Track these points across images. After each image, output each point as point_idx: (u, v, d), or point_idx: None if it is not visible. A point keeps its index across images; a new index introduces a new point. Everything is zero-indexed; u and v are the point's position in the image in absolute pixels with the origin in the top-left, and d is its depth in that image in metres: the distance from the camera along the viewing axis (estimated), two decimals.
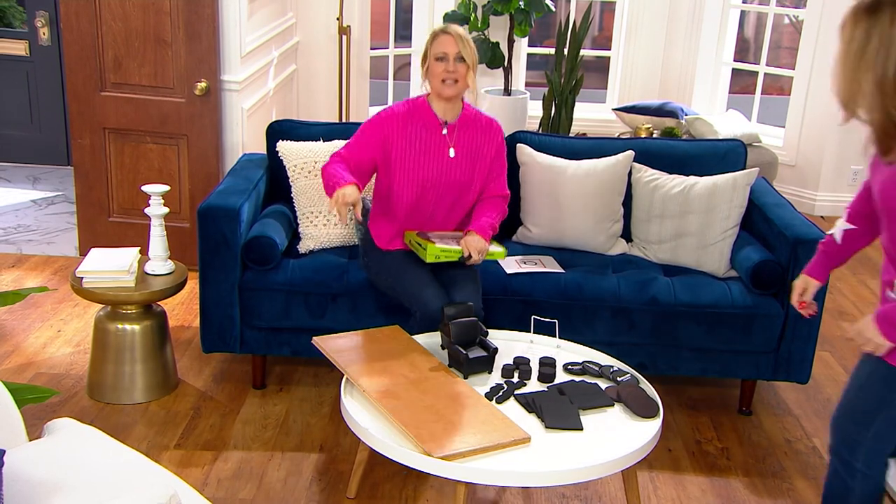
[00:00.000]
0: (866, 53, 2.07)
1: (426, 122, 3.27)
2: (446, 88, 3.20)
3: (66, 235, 5.03)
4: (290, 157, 3.71)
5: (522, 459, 2.47)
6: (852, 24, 2.11)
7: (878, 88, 2.07)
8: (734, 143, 3.85)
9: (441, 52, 3.19)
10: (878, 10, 2.06)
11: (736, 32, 6.53)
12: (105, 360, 3.46)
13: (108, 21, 4.40)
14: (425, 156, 3.25)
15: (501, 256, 3.29)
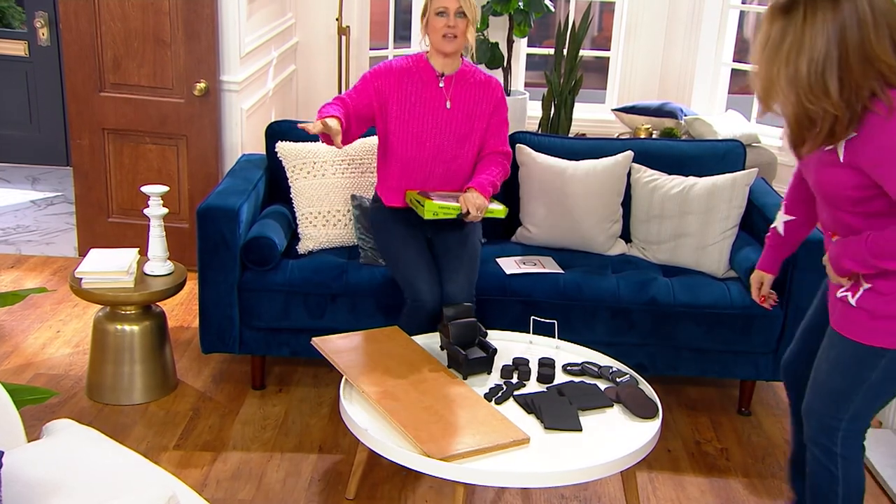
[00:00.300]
0: (781, 50, 2.13)
1: (423, 75, 3.30)
2: (446, 44, 3.21)
3: (65, 236, 5.03)
4: (290, 158, 3.71)
5: (521, 460, 2.47)
6: (769, 21, 2.17)
7: (792, 84, 2.13)
8: (733, 144, 3.85)
9: (441, 7, 3.18)
10: (792, 10, 2.12)
11: (735, 33, 6.53)
12: (104, 360, 3.46)
13: (107, 21, 4.40)
14: (422, 107, 3.28)
15: (501, 214, 3.29)
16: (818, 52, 2.09)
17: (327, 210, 3.66)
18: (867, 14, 2.08)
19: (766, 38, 2.16)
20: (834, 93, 2.10)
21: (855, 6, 2.08)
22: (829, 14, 2.08)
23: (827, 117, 2.13)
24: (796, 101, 2.14)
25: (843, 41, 2.08)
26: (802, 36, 2.10)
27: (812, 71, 2.10)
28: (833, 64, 2.09)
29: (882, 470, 3.17)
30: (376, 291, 3.44)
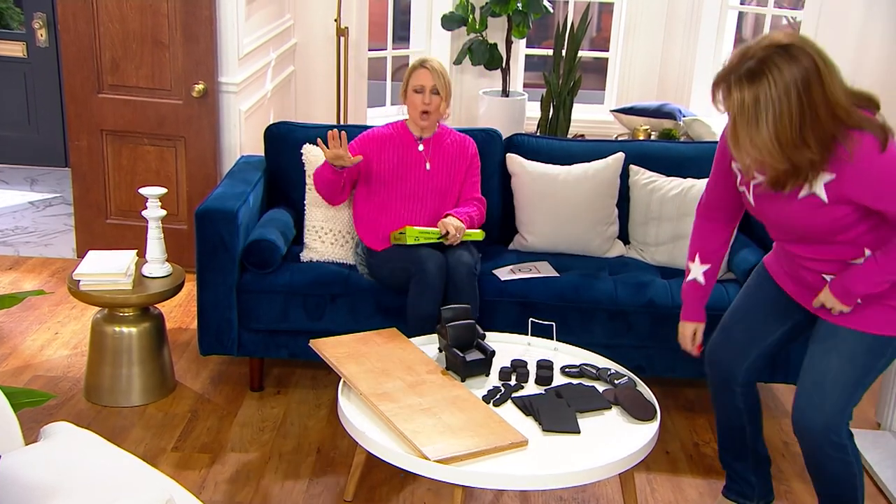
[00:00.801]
0: (758, 116, 2.17)
1: (403, 140, 3.56)
2: (422, 119, 3.50)
3: (63, 237, 5.03)
4: (314, 164, 3.65)
5: (519, 463, 2.47)
6: (737, 91, 2.19)
7: (776, 144, 2.18)
8: None
9: (418, 85, 3.47)
10: (758, 76, 2.16)
11: (734, 33, 6.53)
12: (102, 362, 3.46)
13: (105, 23, 4.40)
14: (404, 170, 3.50)
15: (479, 237, 3.48)
16: (793, 109, 2.14)
17: (339, 230, 3.64)
18: (821, 63, 2.16)
19: (739, 108, 2.19)
20: (813, 143, 2.18)
21: (810, 57, 2.15)
22: (792, 70, 2.13)
23: (808, 165, 2.22)
24: (782, 157, 2.20)
25: (810, 93, 2.14)
26: (775, 97, 2.15)
27: (792, 127, 2.15)
28: (806, 116, 2.15)
29: (881, 472, 3.17)
30: (376, 292, 3.45)
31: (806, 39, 2.21)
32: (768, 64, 2.14)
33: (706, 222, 2.71)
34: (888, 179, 2.24)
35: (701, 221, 2.72)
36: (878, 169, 2.23)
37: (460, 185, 3.58)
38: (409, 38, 6.69)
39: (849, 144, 2.20)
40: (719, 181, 2.64)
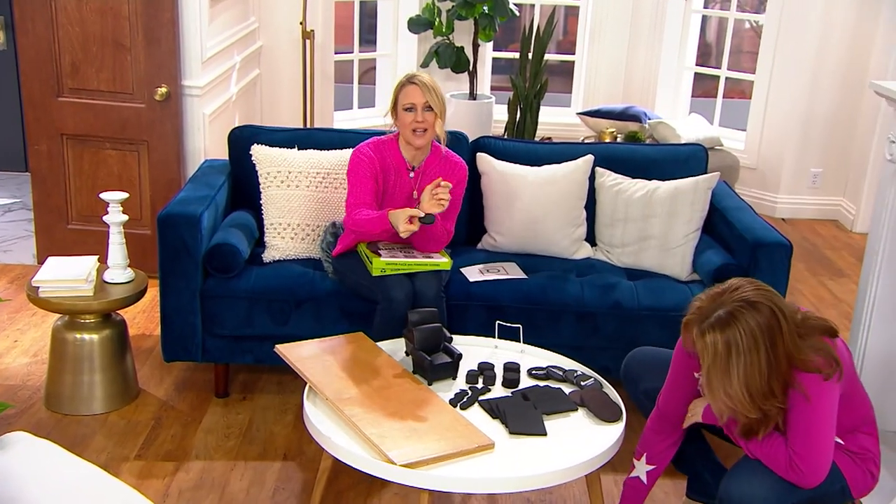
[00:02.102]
0: (730, 364, 2.26)
1: (395, 165, 3.38)
2: (416, 139, 3.29)
3: (23, 243, 4.96)
4: (264, 164, 3.66)
5: (486, 465, 2.46)
6: (711, 337, 2.28)
7: (748, 391, 2.27)
8: (695, 148, 3.89)
9: (409, 103, 3.27)
10: (729, 324, 2.26)
11: (698, 37, 6.60)
12: (63, 370, 3.42)
13: (64, 25, 4.34)
14: (391, 196, 3.37)
15: (447, 266, 3.32)
16: (762, 360, 2.25)
17: (297, 223, 3.62)
18: (781, 316, 2.27)
19: (713, 353, 2.28)
20: (778, 392, 2.30)
21: (769, 307, 2.27)
22: (757, 318, 2.25)
23: (776, 412, 2.33)
24: (753, 407, 2.30)
25: (775, 345, 2.26)
26: (745, 349, 2.25)
27: (761, 378, 2.26)
28: (773, 367, 2.27)
29: None
30: (341, 298, 3.43)
31: (770, 292, 2.32)
32: (737, 316, 2.26)
33: (663, 431, 2.71)
34: (807, 417, 2.33)
35: (654, 426, 2.72)
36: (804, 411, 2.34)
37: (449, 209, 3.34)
38: (376, 41, 6.68)
39: (802, 387, 2.31)
40: (678, 391, 2.65)
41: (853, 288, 4.84)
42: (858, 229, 5.77)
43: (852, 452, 2.49)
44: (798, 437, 2.33)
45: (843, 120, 5.89)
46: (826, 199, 6.08)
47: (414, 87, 3.28)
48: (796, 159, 5.98)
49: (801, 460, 2.33)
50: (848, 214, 5.94)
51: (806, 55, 5.80)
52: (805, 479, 2.34)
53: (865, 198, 5.73)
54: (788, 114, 5.92)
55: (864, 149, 5.75)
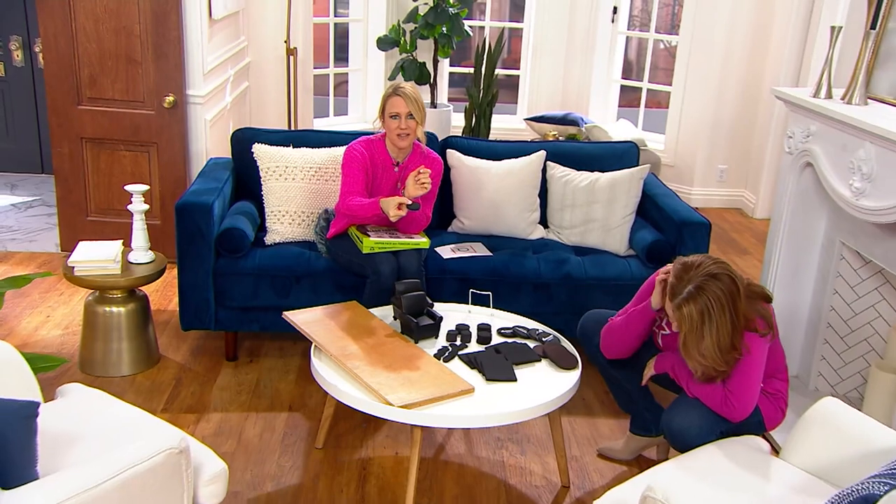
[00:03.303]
0: (705, 327, 2.39)
1: (383, 161, 3.44)
2: (400, 141, 3.36)
3: (46, 234, 4.93)
4: (264, 160, 3.72)
5: (468, 406, 2.57)
6: (689, 308, 2.40)
7: (720, 349, 2.41)
8: (629, 145, 4.04)
9: (394, 112, 3.33)
10: (697, 296, 2.38)
11: (622, 55, 6.77)
12: (95, 338, 3.44)
13: (83, 43, 4.34)
14: (378, 187, 3.43)
15: (425, 245, 3.41)
16: (727, 321, 2.38)
17: (293, 210, 3.69)
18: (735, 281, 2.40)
19: (689, 325, 2.41)
20: (738, 346, 2.43)
21: (728, 276, 2.39)
22: (721, 287, 2.37)
23: (734, 363, 2.46)
24: (722, 361, 2.43)
25: (735, 308, 2.38)
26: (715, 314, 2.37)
27: (726, 336, 2.39)
28: (735, 326, 2.40)
29: None
30: (335, 274, 3.51)
31: (725, 264, 2.43)
32: (704, 287, 2.38)
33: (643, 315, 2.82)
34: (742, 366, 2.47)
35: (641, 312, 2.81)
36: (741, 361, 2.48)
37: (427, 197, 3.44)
38: (348, 58, 6.73)
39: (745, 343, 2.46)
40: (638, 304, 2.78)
41: (755, 263, 5.05)
42: (758, 215, 6.00)
43: (768, 393, 2.64)
44: (734, 382, 2.48)
45: (744, 123, 6.10)
46: (731, 191, 6.29)
47: (399, 98, 3.33)
48: (706, 157, 6.18)
49: (735, 399, 2.47)
50: (749, 203, 6.16)
51: (712, 69, 6.00)
52: (735, 414, 2.48)
53: (763, 189, 5.95)
54: (699, 119, 6.11)
55: (762, 147, 5.97)
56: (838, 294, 3.41)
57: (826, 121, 3.17)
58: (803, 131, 3.35)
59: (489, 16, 7.08)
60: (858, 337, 3.36)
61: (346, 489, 2.83)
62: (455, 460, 3.03)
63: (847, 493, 1.75)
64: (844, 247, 3.35)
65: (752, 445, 2.41)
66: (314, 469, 2.93)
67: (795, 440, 2.34)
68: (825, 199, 3.38)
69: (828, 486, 2.19)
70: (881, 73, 3.19)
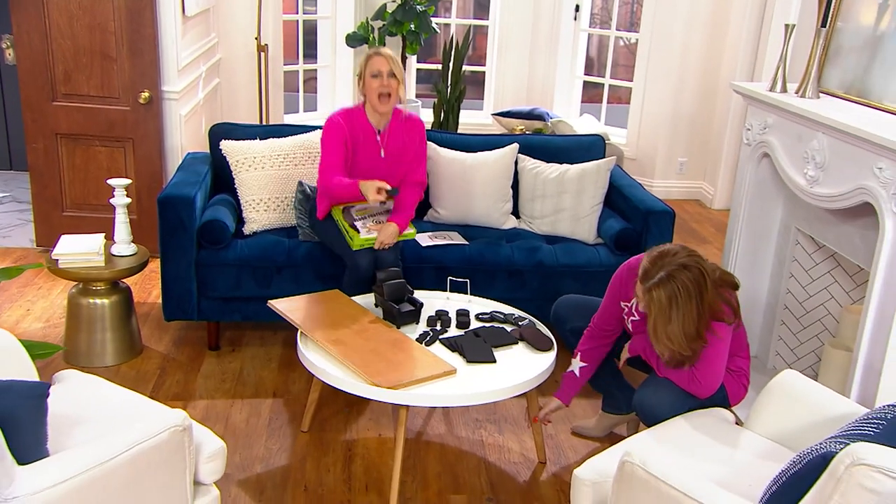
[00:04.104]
0: (672, 311, 2.50)
1: (364, 130, 3.45)
2: (382, 104, 3.37)
3: (20, 230, 4.92)
4: (233, 154, 3.80)
5: (451, 386, 2.67)
6: (657, 292, 2.50)
7: (685, 334, 2.51)
8: (596, 138, 4.18)
9: (376, 70, 3.35)
10: (667, 281, 2.49)
11: (585, 52, 6.92)
12: (79, 329, 3.48)
13: (57, 39, 4.36)
14: (362, 156, 3.46)
15: (412, 236, 3.52)
16: (694, 309, 2.49)
17: (268, 197, 3.77)
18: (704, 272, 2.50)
19: (658, 308, 2.51)
20: (703, 334, 2.53)
21: (697, 267, 2.49)
22: (689, 276, 2.48)
23: (700, 349, 2.58)
24: (687, 346, 2.54)
25: (702, 297, 2.49)
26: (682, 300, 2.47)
27: (693, 322, 2.50)
28: (701, 314, 2.50)
29: None
30: (315, 263, 3.59)
31: (697, 256, 2.54)
32: (674, 274, 2.48)
33: (594, 338, 2.94)
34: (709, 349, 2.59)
35: (590, 334, 2.95)
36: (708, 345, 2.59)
37: (408, 163, 3.51)
38: (317, 55, 6.79)
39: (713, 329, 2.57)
40: (609, 312, 2.90)
41: (715, 252, 5.23)
42: (716, 206, 6.20)
43: (731, 370, 2.77)
44: (701, 363, 2.60)
45: (703, 118, 6.30)
46: (690, 183, 6.48)
47: (380, 57, 3.35)
48: (666, 151, 6.37)
49: (701, 377, 2.60)
50: (707, 194, 6.36)
51: (671, 66, 6.19)
52: (702, 391, 2.62)
53: (721, 180, 6.16)
54: (659, 114, 6.30)
55: (719, 141, 6.17)
56: (794, 278, 3.59)
57: (782, 113, 3.34)
58: (760, 123, 3.52)
59: (455, 13, 7.19)
60: (813, 318, 3.54)
61: (332, 469, 2.93)
62: (436, 440, 3.14)
63: (807, 453, 1.90)
64: (799, 233, 3.53)
65: (719, 416, 2.56)
66: (301, 451, 3.01)
67: (758, 410, 2.49)
68: (781, 187, 3.55)
69: (789, 451, 2.35)
70: (831, 69, 3.37)
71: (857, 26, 3.24)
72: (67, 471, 1.79)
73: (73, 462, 1.81)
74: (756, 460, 2.30)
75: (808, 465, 1.85)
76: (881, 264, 2.68)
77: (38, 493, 1.73)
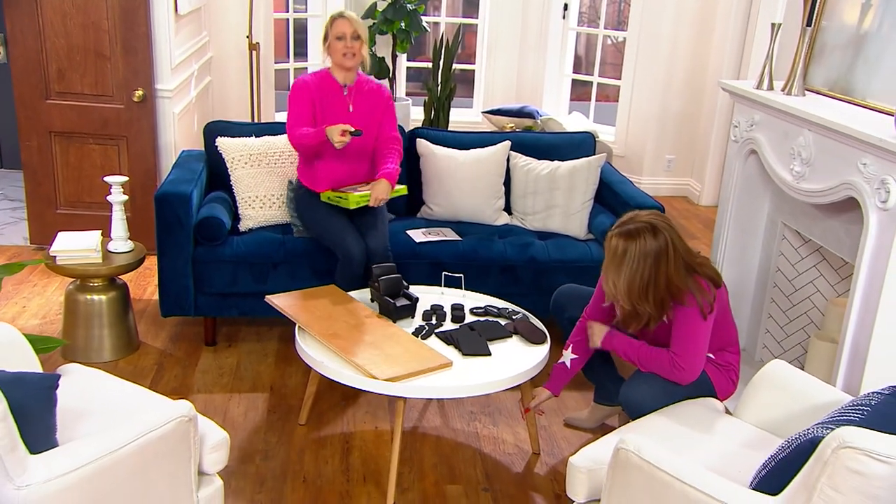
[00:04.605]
0: (622, 264, 2.59)
1: (330, 87, 3.54)
2: (347, 60, 3.47)
3: (13, 227, 4.94)
4: (228, 151, 3.84)
5: (448, 378, 2.72)
6: (617, 240, 2.61)
7: (628, 289, 2.60)
8: (586, 135, 4.24)
9: (340, 32, 3.45)
10: (636, 236, 2.58)
11: (573, 50, 6.99)
12: (76, 325, 3.52)
13: (51, 37, 4.38)
14: (332, 112, 3.52)
15: (404, 192, 3.60)
16: (645, 272, 2.57)
17: (262, 194, 3.81)
18: (672, 247, 2.58)
19: (612, 252, 2.60)
20: (651, 301, 2.60)
21: (666, 239, 2.58)
22: (652, 242, 2.56)
23: (646, 315, 2.65)
24: (629, 302, 2.62)
25: (658, 266, 2.56)
26: (636, 257, 2.56)
27: (641, 284, 2.58)
28: (651, 281, 2.58)
29: None
30: (310, 259, 3.63)
31: (674, 231, 2.62)
32: (640, 232, 2.58)
33: (582, 331, 2.99)
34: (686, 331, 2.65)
35: (582, 326, 3.00)
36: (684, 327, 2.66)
37: (378, 125, 3.59)
38: (307, 53, 6.82)
39: (671, 313, 2.64)
40: (599, 303, 2.96)
41: (703, 247, 5.30)
42: (703, 203, 6.29)
43: (720, 365, 2.82)
44: (679, 346, 2.67)
45: (690, 116, 6.38)
46: (678, 180, 6.56)
47: (344, 20, 3.46)
48: (654, 148, 6.44)
49: (681, 360, 2.66)
50: (695, 191, 6.44)
51: (659, 64, 6.26)
52: (685, 376, 2.67)
53: (708, 177, 6.24)
54: (647, 112, 6.37)
55: (706, 139, 6.26)
56: (780, 272, 3.67)
57: (768, 111, 3.41)
58: (748, 121, 3.59)
59: (444, 12, 7.24)
60: (799, 311, 3.62)
61: (330, 461, 2.98)
62: (432, 432, 3.20)
63: (796, 438, 1.97)
64: (786, 227, 3.60)
65: (709, 406, 2.63)
66: (299, 444, 3.06)
67: (747, 399, 2.56)
68: (768, 183, 3.63)
69: (777, 438, 2.42)
70: (816, 67, 3.45)
71: (841, 25, 3.31)
72: (78, 460, 1.83)
73: (83, 451, 1.85)
74: (745, 447, 2.37)
75: (796, 449, 1.91)
76: (865, 258, 2.76)
77: (50, 481, 1.77)
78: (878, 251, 2.73)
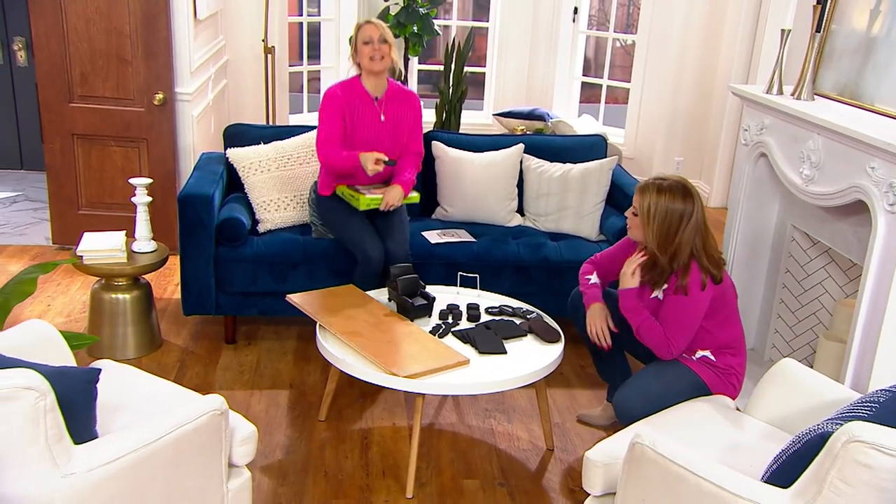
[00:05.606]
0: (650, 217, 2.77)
1: (361, 97, 3.56)
2: (375, 64, 3.49)
3: (35, 228, 5.03)
4: (239, 161, 3.91)
5: (465, 375, 2.79)
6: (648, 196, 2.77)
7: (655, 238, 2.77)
8: (598, 138, 4.31)
9: (367, 37, 3.49)
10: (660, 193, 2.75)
11: (583, 53, 7.05)
12: (101, 324, 3.60)
13: (74, 42, 4.47)
14: (362, 122, 3.56)
15: (416, 200, 3.66)
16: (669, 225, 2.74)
17: (277, 198, 3.88)
18: (698, 213, 2.76)
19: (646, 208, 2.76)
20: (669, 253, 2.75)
21: (693, 205, 2.75)
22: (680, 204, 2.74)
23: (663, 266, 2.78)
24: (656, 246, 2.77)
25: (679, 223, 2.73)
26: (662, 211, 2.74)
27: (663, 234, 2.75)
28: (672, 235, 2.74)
29: None
30: (329, 259, 3.71)
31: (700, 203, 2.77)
32: (671, 190, 2.75)
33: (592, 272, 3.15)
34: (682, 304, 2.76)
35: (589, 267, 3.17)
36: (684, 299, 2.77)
37: (406, 136, 3.62)
38: (320, 56, 6.90)
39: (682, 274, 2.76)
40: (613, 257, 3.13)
41: None
42: (712, 204, 6.34)
43: (719, 369, 2.84)
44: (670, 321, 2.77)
45: (699, 118, 6.44)
46: None
47: (370, 25, 3.49)
48: (664, 150, 6.50)
49: (671, 333, 2.77)
50: (704, 193, 6.49)
51: (669, 67, 6.32)
52: (672, 349, 2.78)
53: (717, 179, 6.30)
54: (657, 114, 6.43)
55: (715, 140, 6.31)
56: (790, 273, 3.73)
57: (778, 115, 3.47)
58: (758, 124, 3.65)
59: (455, 15, 7.31)
60: (808, 311, 3.68)
61: (350, 455, 3.05)
62: (448, 429, 3.27)
63: (806, 433, 2.03)
64: (795, 229, 3.67)
65: (721, 403, 2.70)
66: (320, 439, 3.14)
67: (758, 396, 2.63)
68: (778, 186, 3.69)
69: (787, 434, 2.48)
70: (825, 72, 3.51)
71: (850, 30, 3.38)
72: (118, 450, 1.91)
73: (122, 442, 1.93)
74: (756, 442, 2.43)
75: (806, 444, 1.98)
76: (874, 259, 2.82)
77: (93, 470, 1.85)
78: (886, 253, 2.79)
